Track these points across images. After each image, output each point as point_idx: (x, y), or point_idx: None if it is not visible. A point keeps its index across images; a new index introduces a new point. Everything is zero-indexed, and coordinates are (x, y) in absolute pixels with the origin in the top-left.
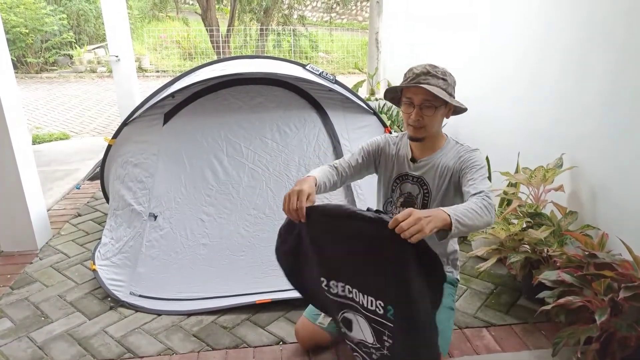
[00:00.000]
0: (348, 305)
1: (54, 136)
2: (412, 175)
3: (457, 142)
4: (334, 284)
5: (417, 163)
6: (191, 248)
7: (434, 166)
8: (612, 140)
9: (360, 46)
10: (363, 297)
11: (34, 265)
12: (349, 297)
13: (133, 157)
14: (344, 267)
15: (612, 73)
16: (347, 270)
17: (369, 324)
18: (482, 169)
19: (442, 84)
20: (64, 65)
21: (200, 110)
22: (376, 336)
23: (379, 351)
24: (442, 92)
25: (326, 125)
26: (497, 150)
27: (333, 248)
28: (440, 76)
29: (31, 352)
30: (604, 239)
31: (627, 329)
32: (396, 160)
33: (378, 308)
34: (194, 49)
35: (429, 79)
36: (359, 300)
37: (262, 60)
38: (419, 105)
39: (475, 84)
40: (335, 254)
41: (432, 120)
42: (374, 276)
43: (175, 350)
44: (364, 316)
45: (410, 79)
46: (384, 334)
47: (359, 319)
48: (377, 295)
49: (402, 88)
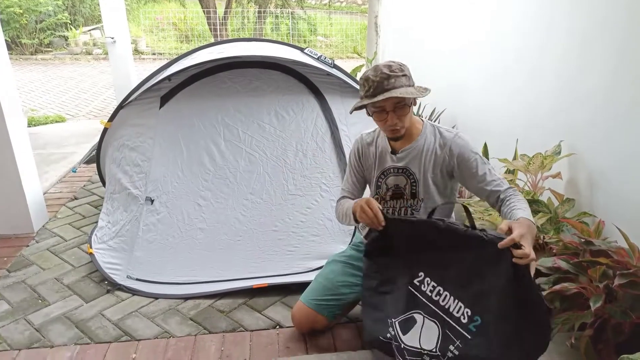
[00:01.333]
0: (426, 306)
1: (49, 119)
2: (396, 167)
3: (434, 125)
4: (428, 281)
5: (398, 154)
6: (188, 232)
7: (418, 153)
8: (611, 128)
9: (359, 30)
10: (453, 301)
11: (30, 248)
12: (433, 299)
13: (129, 140)
14: (443, 269)
15: (613, 61)
16: (446, 273)
17: (440, 329)
18: (484, 161)
19: (406, 81)
20: (59, 47)
21: (197, 93)
22: (442, 343)
23: (435, 359)
24: (411, 89)
25: (324, 110)
26: (495, 136)
27: (438, 250)
28: (400, 74)
29: (28, 334)
30: (601, 226)
31: (621, 316)
32: (378, 158)
33: (463, 316)
34: (190, 32)
35: (392, 83)
36: (444, 304)
37: (259, 44)
38: (392, 110)
39: (475, 71)
40: (439, 255)
41: (408, 117)
42: (474, 283)
43: (173, 334)
44: (439, 320)
45: (374, 88)
46: (453, 344)
47: (427, 323)
48: (469, 302)
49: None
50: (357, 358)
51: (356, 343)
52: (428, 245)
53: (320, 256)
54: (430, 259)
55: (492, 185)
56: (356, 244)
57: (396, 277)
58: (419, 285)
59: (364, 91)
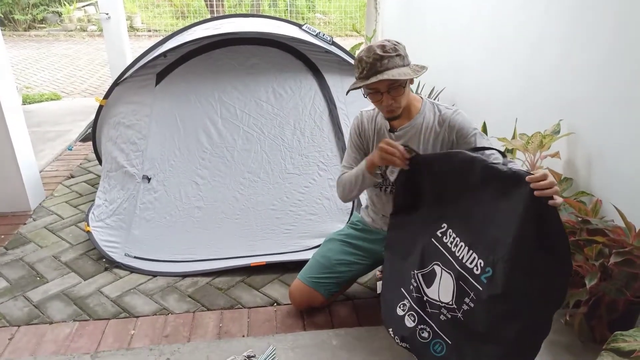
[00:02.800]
0: (445, 258)
1: (44, 96)
2: None
3: (433, 103)
4: (450, 233)
5: (397, 132)
6: (186, 211)
7: (417, 131)
8: (610, 107)
9: (358, 7)
10: (467, 252)
11: (27, 226)
12: (452, 251)
13: (125, 118)
14: (463, 218)
15: (613, 40)
16: (464, 222)
17: (455, 282)
18: (483, 136)
19: (400, 61)
20: (53, 23)
21: (194, 70)
22: (457, 297)
23: (451, 312)
24: (406, 70)
25: (322, 88)
26: (494, 115)
27: (457, 195)
28: (394, 54)
29: (27, 310)
30: (598, 205)
31: (616, 293)
32: (376, 135)
33: (476, 267)
34: (186, 7)
35: (385, 64)
36: (459, 255)
37: (257, 20)
38: (386, 91)
39: (474, 50)
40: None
41: (404, 97)
42: (488, 231)
43: (171, 310)
44: (454, 272)
45: (367, 70)
46: (468, 296)
47: (444, 275)
48: (482, 252)
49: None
50: (353, 334)
51: (352, 320)
52: (453, 184)
53: (318, 235)
54: (454, 206)
55: (490, 158)
56: (354, 223)
57: (419, 233)
58: (441, 236)
59: (358, 72)
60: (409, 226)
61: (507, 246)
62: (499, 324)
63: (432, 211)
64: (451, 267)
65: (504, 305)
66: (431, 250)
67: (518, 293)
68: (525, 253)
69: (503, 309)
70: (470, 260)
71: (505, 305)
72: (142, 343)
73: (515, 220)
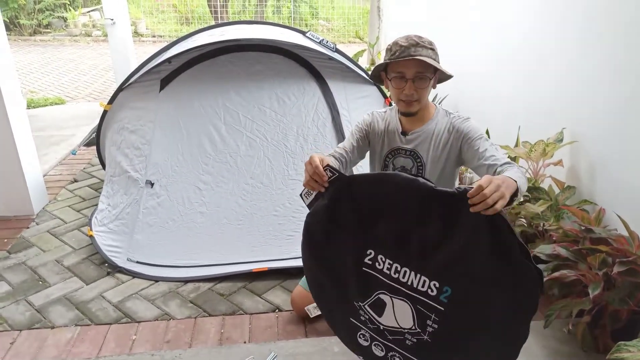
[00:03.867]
0: (388, 286)
1: (49, 101)
2: (405, 148)
3: (446, 111)
4: (381, 258)
5: (408, 136)
6: (188, 216)
7: (427, 137)
8: (614, 116)
9: (361, 14)
10: (415, 276)
11: (30, 230)
12: (393, 277)
13: (129, 123)
14: (397, 243)
15: (616, 50)
16: (400, 246)
17: (411, 307)
18: (487, 141)
19: (432, 54)
20: (58, 28)
21: (198, 76)
22: (418, 320)
23: (416, 336)
24: (435, 62)
25: (326, 95)
26: (497, 123)
27: (386, 220)
28: (429, 46)
29: (29, 315)
30: (601, 214)
31: (619, 303)
32: (386, 135)
33: (431, 289)
34: (191, 14)
35: (419, 50)
36: (406, 281)
37: (261, 27)
38: (412, 78)
39: (478, 57)
40: (390, 227)
41: (425, 92)
42: (436, 254)
43: (173, 316)
44: (407, 297)
45: (400, 52)
46: (429, 319)
47: (396, 302)
48: (433, 275)
49: (387, 64)
50: None
51: None
52: (382, 212)
53: None
54: (381, 233)
55: (490, 159)
56: None
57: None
58: (372, 263)
59: (389, 54)
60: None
61: (463, 261)
62: (468, 337)
63: (355, 238)
64: (402, 294)
65: (469, 319)
66: (369, 280)
67: (481, 306)
68: (481, 265)
69: (469, 324)
70: (421, 283)
71: (470, 319)
72: (143, 348)
73: (466, 235)
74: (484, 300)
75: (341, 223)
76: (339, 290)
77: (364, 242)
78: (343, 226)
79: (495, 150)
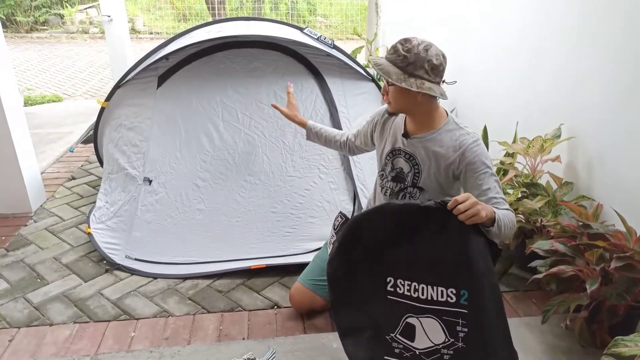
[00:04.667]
0: (412, 307)
1: (46, 98)
2: (405, 151)
3: (458, 125)
4: (401, 282)
5: (409, 139)
6: (186, 213)
7: (427, 147)
8: (611, 112)
9: (359, 11)
10: (432, 289)
11: (28, 227)
12: (414, 297)
13: (127, 120)
14: (408, 263)
15: (613, 45)
16: (412, 266)
17: (438, 320)
18: (493, 176)
19: (400, 62)
20: (55, 25)
21: (195, 73)
22: (449, 330)
23: (452, 347)
24: (394, 69)
25: (324, 92)
26: (495, 119)
27: (395, 245)
28: (403, 53)
29: (28, 312)
30: (599, 209)
31: (616, 298)
32: (390, 132)
33: (450, 297)
34: (188, 10)
35: (389, 55)
36: (426, 297)
37: (259, 23)
38: (386, 81)
39: (475, 54)
40: (398, 251)
41: (393, 96)
42: (442, 264)
43: (171, 313)
44: (432, 313)
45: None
46: (458, 324)
47: (424, 321)
48: (448, 282)
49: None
50: None
51: None
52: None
53: (318, 238)
54: (391, 259)
55: (491, 202)
56: None
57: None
58: (394, 290)
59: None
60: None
61: (468, 265)
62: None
63: (371, 271)
64: (426, 311)
65: (492, 310)
66: (394, 307)
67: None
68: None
69: (493, 313)
70: (440, 294)
71: (494, 309)
72: (142, 345)
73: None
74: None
75: (356, 261)
76: (373, 330)
77: (382, 272)
78: (358, 263)
79: (497, 190)
